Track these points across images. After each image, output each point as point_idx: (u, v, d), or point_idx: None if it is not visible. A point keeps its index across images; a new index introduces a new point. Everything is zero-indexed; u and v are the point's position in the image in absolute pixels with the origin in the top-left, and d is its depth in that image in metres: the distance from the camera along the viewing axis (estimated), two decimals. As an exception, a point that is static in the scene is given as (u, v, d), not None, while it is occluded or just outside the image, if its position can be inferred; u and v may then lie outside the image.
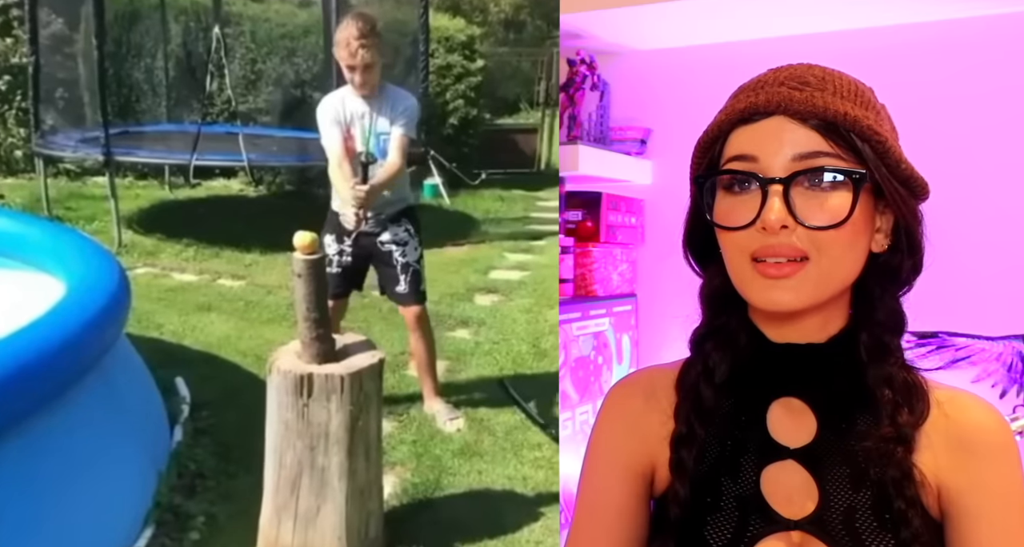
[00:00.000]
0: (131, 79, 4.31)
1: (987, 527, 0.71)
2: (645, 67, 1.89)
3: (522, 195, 4.47)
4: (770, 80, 0.74)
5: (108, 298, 1.54)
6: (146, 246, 3.39)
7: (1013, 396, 1.60)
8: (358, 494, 1.32)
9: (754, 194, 0.70)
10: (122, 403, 1.57)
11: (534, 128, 4.67)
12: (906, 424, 0.72)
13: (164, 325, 2.50)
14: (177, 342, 2.37)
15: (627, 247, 1.85)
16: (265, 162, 3.78)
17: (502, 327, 2.57)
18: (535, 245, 3.63)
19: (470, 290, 2.94)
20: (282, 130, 4.09)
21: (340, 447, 1.27)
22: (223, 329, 2.48)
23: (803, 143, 0.70)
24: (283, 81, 4.36)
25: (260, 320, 2.59)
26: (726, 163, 0.73)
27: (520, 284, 3.07)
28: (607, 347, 1.74)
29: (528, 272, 3.24)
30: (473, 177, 4.27)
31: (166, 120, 4.35)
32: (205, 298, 2.80)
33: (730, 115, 0.74)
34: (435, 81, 4.20)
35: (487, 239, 3.70)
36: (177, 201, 4.16)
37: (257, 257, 3.25)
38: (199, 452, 1.70)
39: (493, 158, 4.49)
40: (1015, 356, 1.60)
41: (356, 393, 1.26)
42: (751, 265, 0.70)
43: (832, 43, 1.71)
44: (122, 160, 3.47)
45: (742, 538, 0.72)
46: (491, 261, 3.37)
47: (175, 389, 1.97)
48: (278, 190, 4.12)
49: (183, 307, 2.68)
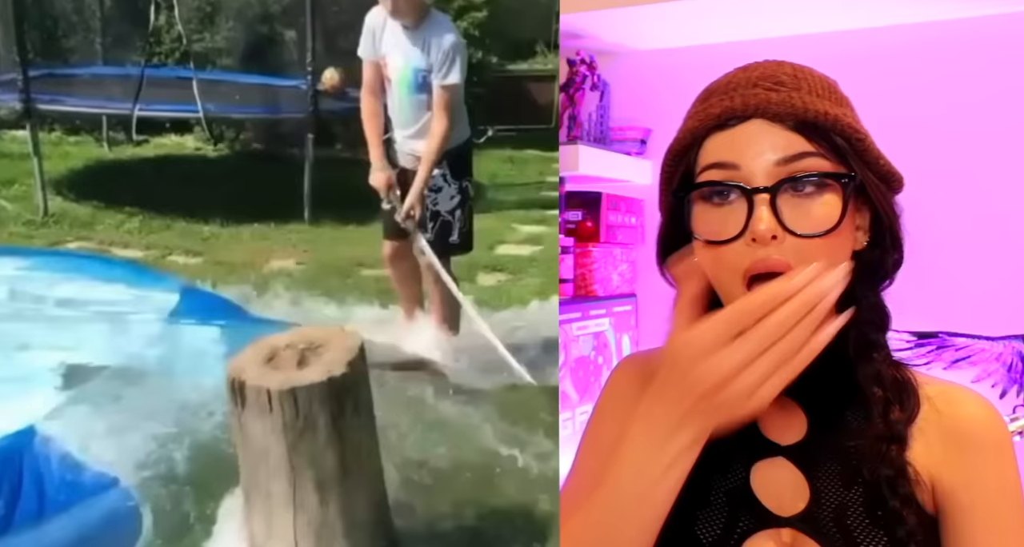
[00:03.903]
0: (55, 9, 4.06)
1: (982, 522, 0.76)
2: (645, 67, 2.04)
3: (536, 156, 4.31)
4: (742, 81, 0.78)
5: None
6: (80, 216, 3.20)
7: (1013, 396, 1.71)
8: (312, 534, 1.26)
9: (738, 204, 0.74)
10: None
11: (552, 75, 4.36)
12: (898, 421, 0.77)
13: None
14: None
15: (627, 247, 2.02)
16: (226, 114, 3.60)
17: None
18: (549, 215, 3.43)
19: (472, 268, 2.72)
20: (246, 75, 3.83)
21: (280, 472, 1.22)
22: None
23: (785, 146, 0.74)
24: (246, 14, 4.11)
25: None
26: (703, 171, 0.77)
27: (530, 261, 2.94)
28: (607, 347, 1.90)
29: (540, 247, 3.11)
30: (478, 134, 3.94)
31: (101, 61, 4.10)
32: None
33: (704, 121, 0.78)
34: (431, 16, 3.86)
35: (493, 208, 3.51)
36: (118, 161, 3.95)
37: (217, 229, 3.09)
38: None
39: (502, 111, 4.26)
40: (1015, 356, 1.71)
41: (289, 414, 1.20)
42: (744, 287, 0.73)
43: (832, 43, 1.83)
44: (47, 110, 3.28)
45: (732, 534, 0.78)
46: (498, 234, 3.21)
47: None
48: (242, 148, 3.80)
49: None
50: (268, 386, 1.19)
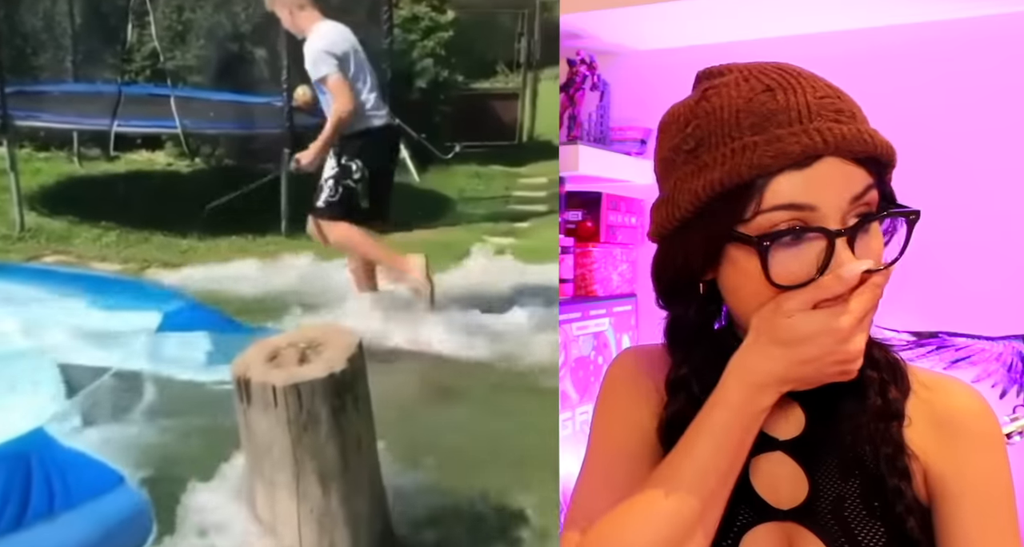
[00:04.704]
0: (25, 25, 4.06)
1: (971, 510, 0.77)
2: (645, 67, 2.06)
3: (502, 171, 4.38)
4: (803, 110, 0.72)
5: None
6: (55, 230, 3.20)
7: (1013, 396, 1.73)
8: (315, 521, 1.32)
9: (814, 246, 0.72)
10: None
11: (515, 93, 4.50)
12: (895, 399, 0.80)
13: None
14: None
15: (627, 247, 2.05)
16: (201, 130, 3.62)
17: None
18: (517, 227, 3.54)
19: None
20: (219, 93, 3.84)
21: (285, 463, 1.27)
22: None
23: (857, 183, 0.72)
24: (217, 33, 4.14)
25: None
26: (771, 211, 0.73)
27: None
28: (607, 347, 1.92)
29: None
30: (446, 150, 4.06)
31: (71, 78, 4.12)
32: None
33: (778, 160, 0.71)
34: (399, 36, 3.99)
35: (462, 221, 3.62)
36: (90, 177, 3.94)
37: (195, 242, 3.11)
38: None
39: (468, 128, 4.35)
40: (1015, 356, 1.72)
41: (293, 408, 1.25)
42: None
43: (832, 43, 1.84)
44: (22, 126, 3.28)
45: (731, 527, 0.80)
46: (467, 246, 3.27)
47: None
48: (216, 164, 3.85)
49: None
50: (273, 382, 1.23)
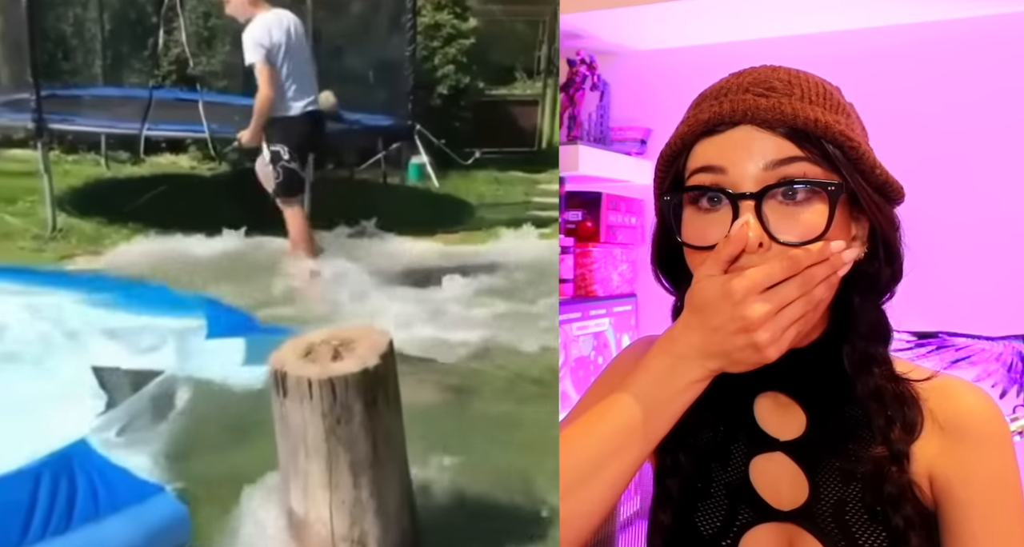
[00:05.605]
0: (56, 31, 4.13)
1: (979, 516, 0.76)
2: (645, 67, 2.09)
3: (521, 177, 4.45)
4: (733, 87, 0.78)
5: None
6: (85, 231, 3.30)
7: (1013, 396, 1.75)
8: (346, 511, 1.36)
9: (725, 210, 0.74)
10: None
11: (534, 100, 4.59)
12: (898, 440, 0.78)
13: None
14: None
15: (627, 247, 2.07)
16: (228, 134, 3.67)
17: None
18: (540, 233, 3.55)
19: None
20: (243, 97, 3.91)
21: (319, 455, 1.33)
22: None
23: (774, 151, 0.73)
24: (241, 39, 4.15)
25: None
26: (691, 176, 0.77)
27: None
28: (607, 347, 1.95)
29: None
30: (465, 156, 4.16)
31: (101, 82, 4.21)
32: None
33: (693, 127, 0.78)
34: (421, 43, 4.08)
35: (482, 226, 3.65)
36: (116, 179, 4.03)
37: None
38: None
39: (488, 134, 4.44)
40: (1015, 356, 1.74)
41: (328, 402, 1.31)
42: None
43: (832, 43, 1.85)
44: (57, 129, 3.35)
45: (731, 527, 0.81)
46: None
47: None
48: (239, 167, 3.94)
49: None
50: (309, 376, 1.29)
